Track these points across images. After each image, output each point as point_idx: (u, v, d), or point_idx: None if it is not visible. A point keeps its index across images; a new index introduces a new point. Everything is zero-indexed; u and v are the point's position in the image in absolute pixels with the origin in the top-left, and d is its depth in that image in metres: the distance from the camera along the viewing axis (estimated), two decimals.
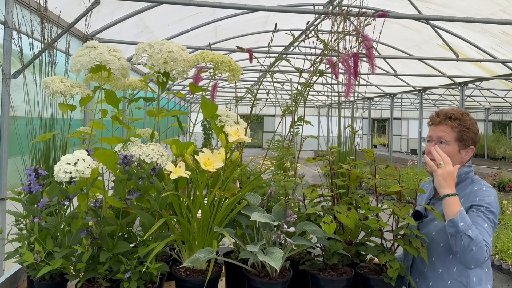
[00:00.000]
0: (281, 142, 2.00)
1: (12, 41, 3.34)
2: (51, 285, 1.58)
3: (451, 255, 1.82)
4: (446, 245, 1.81)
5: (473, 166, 1.97)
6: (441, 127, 1.91)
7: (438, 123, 1.92)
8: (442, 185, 1.68)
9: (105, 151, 1.69)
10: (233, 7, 4.16)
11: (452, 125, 1.88)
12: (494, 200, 1.80)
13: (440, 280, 1.84)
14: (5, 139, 3.48)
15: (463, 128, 1.88)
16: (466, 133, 1.88)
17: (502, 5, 6.63)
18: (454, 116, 1.89)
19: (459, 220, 1.64)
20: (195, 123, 1.89)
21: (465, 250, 1.63)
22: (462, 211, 1.66)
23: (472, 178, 1.91)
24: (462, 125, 1.88)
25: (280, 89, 12.65)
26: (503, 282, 6.14)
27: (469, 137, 1.89)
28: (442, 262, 1.83)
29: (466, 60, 8.20)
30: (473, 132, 1.90)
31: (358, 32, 1.80)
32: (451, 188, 1.69)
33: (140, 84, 2.02)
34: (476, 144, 1.92)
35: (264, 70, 2.01)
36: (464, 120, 1.89)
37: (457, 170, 1.86)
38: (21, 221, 1.65)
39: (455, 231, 1.64)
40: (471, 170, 1.94)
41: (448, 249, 1.81)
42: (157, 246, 1.51)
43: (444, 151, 1.86)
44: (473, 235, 1.62)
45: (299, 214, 1.76)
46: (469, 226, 1.63)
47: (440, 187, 1.70)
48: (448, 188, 1.68)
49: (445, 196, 1.68)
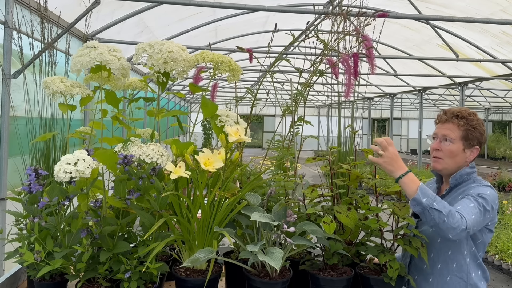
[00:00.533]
0: (281, 142, 2.00)
1: (12, 41, 3.34)
2: (51, 285, 1.58)
3: (450, 250, 1.82)
4: (444, 240, 1.81)
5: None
6: (447, 125, 1.91)
7: (445, 121, 1.92)
8: (391, 170, 1.64)
9: (105, 151, 1.69)
10: (233, 7, 4.16)
11: (459, 124, 1.89)
12: (490, 194, 1.78)
13: (440, 276, 1.84)
14: (5, 139, 3.48)
15: (469, 127, 1.88)
16: (472, 133, 1.88)
17: (502, 5, 6.63)
18: (461, 115, 1.90)
19: (421, 196, 1.59)
20: (195, 123, 1.89)
21: (437, 224, 1.59)
22: (421, 186, 1.62)
23: (474, 179, 1.90)
24: (468, 124, 1.88)
25: (280, 89, 12.65)
26: (503, 282, 6.14)
27: (474, 136, 1.89)
28: (441, 258, 1.84)
29: (466, 60, 8.20)
30: (479, 132, 1.89)
31: (358, 32, 1.80)
32: (401, 168, 1.64)
33: (140, 84, 2.02)
34: (482, 145, 1.91)
35: (264, 70, 2.01)
36: (471, 120, 1.89)
37: (461, 170, 1.87)
38: (21, 221, 1.65)
39: (421, 209, 1.60)
40: (474, 171, 1.92)
41: (447, 245, 1.82)
42: (157, 246, 1.51)
43: (448, 149, 1.88)
44: (440, 207, 1.58)
45: (299, 214, 1.76)
46: (433, 199, 1.60)
47: (390, 173, 1.65)
48: (397, 170, 1.64)
49: (399, 179, 1.64)
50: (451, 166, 1.90)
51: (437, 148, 1.91)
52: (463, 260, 1.82)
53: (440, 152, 1.91)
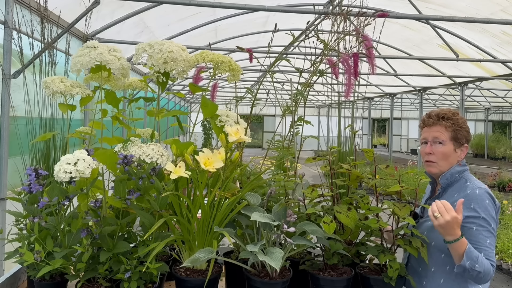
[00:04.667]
0: (281, 142, 2.00)
1: (12, 41, 3.34)
2: (51, 285, 1.58)
3: (443, 254, 1.82)
4: (438, 244, 1.81)
5: (473, 166, 1.99)
6: (435, 127, 1.92)
7: (432, 124, 1.94)
8: (443, 234, 1.69)
9: (105, 151, 1.69)
10: (233, 7, 4.16)
11: (446, 125, 1.91)
12: (489, 203, 1.79)
13: (433, 278, 1.84)
14: (5, 139, 3.48)
15: (457, 127, 1.91)
16: (460, 132, 1.91)
17: (502, 5, 6.63)
18: (446, 116, 1.92)
19: (465, 260, 1.67)
20: (195, 123, 1.89)
21: (474, 278, 1.71)
22: (467, 251, 1.67)
23: (466, 178, 1.91)
24: (455, 124, 1.91)
25: (280, 89, 12.65)
26: (503, 282, 6.14)
27: (462, 135, 1.92)
28: (434, 261, 1.84)
29: (466, 60, 8.20)
30: (465, 130, 1.93)
31: (358, 32, 1.80)
32: (452, 235, 1.66)
33: (140, 84, 2.02)
34: (469, 142, 1.96)
35: (264, 70, 2.01)
36: (456, 120, 1.92)
37: (450, 169, 1.90)
38: (21, 221, 1.65)
39: (463, 269, 1.69)
40: (466, 170, 1.94)
41: (440, 248, 1.81)
42: (157, 246, 1.51)
43: (440, 151, 1.89)
44: (480, 268, 1.67)
45: (299, 214, 1.76)
46: (475, 260, 1.67)
47: (443, 235, 1.70)
48: (448, 236, 1.67)
49: (448, 243, 1.69)
50: (445, 168, 1.92)
51: (430, 152, 1.92)
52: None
53: (433, 156, 1.92)
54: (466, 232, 1.75)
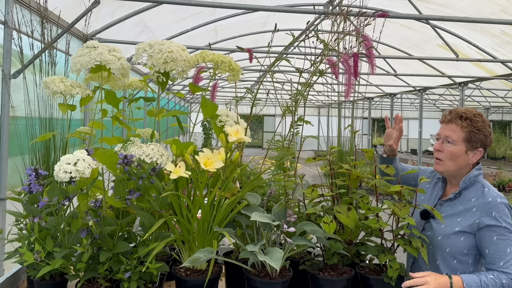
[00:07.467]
0: (281, 142, 2.00)
1: (12, 41, 3.34)
2: (51, 285, 1.58)
3: (456, 260, 1.81)
4: (452, 251, 1.80)
5: None
6: (450, 125, 1.86)
7: (448, 121, 1.87)
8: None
9: (105, 151, 1.69)
10: (233, 7, 4.16)
11: (462, 125, 1.84)
12: (508, 213, 1.76)
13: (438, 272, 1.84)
14: (5, 139, 3.48)
15: (473, 129, 1.83)
16: (476, 135, 1.83)
17: (502, 5, 6.63)
18: (465, 115, 1.84)
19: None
20: (195, 123, 1.89)
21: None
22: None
23: (482, 183, 1.86)
24: (472, 125, 1.83)
25: (280, 89, 12.66)
26: None
27: (478, 138, 1.83)
28: (446, 266, 1.83)
29: (466, 60, 8.19)
30: (483, 134, 1.84)
31: (358, 32, 1.80)
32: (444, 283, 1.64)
33: (140, 84, 2.02)
34: (487, 147, 1.87)
35: (264, 70, 2.01)
36: (475, 121, 1.84)
37: (469, 173, 1.85)
38: (21, 221, 1.65)
39: None
40: (481, 173, 1.88)
41: (454, 255, 1.81)
42: (157, 246, 1.51)
43: (449, 151, 1.84)
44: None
45: (299, 214, 1.76)
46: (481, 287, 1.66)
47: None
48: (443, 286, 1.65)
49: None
50: (452, 168, 1.87)
51: (439, 149, 1.88)
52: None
53: (442, 154, 1.87)
54: (486, 241, 1.74)
